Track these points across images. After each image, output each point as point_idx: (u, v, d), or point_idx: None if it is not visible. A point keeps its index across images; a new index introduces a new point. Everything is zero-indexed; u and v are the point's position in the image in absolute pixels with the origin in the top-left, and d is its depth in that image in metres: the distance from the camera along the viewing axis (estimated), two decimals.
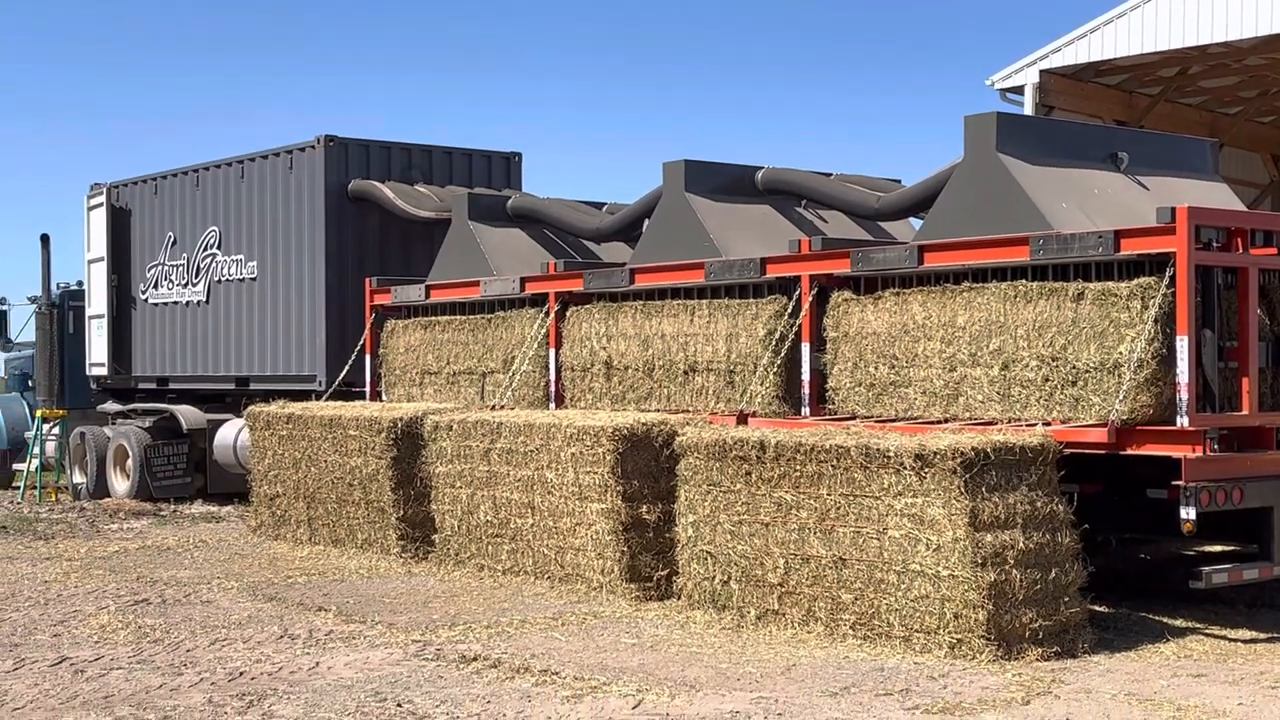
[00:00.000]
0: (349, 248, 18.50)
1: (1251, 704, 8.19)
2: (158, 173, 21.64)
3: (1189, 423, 9.80)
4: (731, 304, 12.95)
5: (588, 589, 12.00)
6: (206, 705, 8.30)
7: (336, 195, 18.60)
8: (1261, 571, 10.50)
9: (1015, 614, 9.35)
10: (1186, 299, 9.78)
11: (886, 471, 9.79)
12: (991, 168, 11.40)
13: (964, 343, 11.05)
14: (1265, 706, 8.15)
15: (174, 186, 21.08)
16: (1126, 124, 23.19)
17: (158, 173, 21.64)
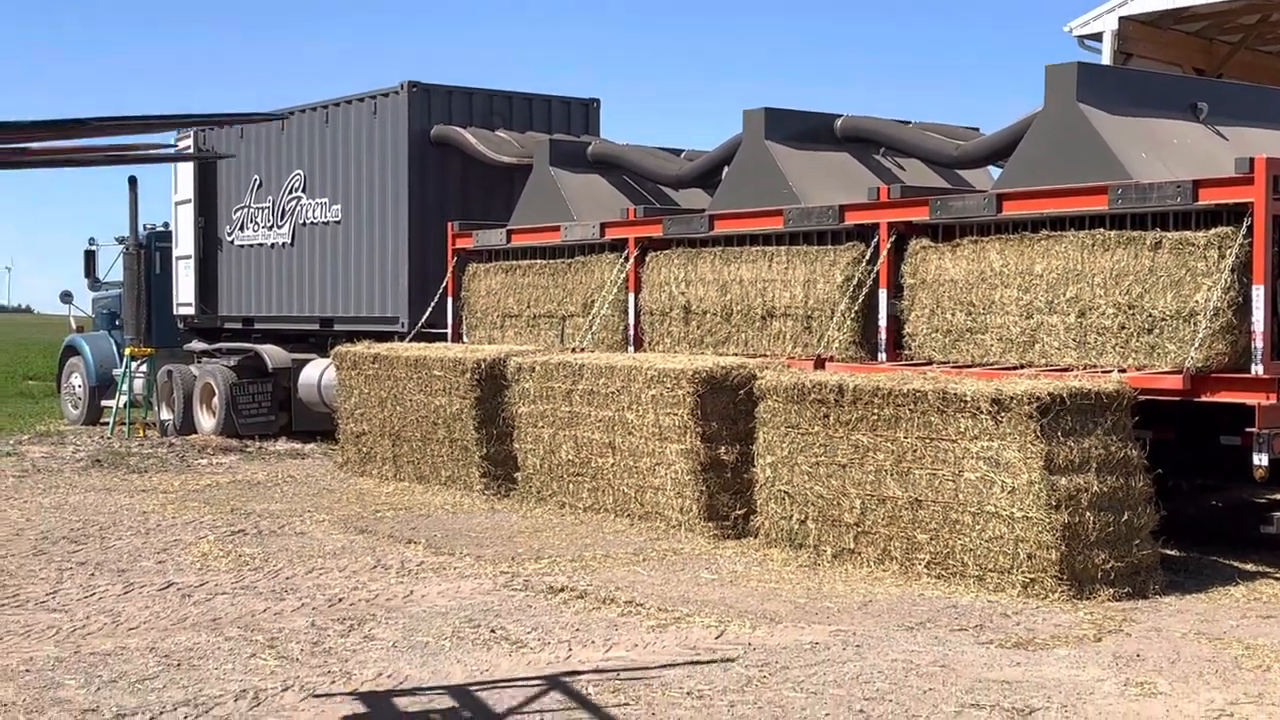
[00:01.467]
0: (431, 192, 18.52)
1: None
2: (246, 111, 21.60)
3: (1263, 371, 9.88)
4: (809, 250, 12.99)
5: (666, 526, 12.14)
6: (310, 628, 8.58)
7: (419, 140, 18.58)
8: None
9: (1088, 555, 9.47)
10: (1263, 249, 9.86)
11: (963, 415, 9.89)
12: (1071, 117, 11.40)
13: (1041, 290, 11.09)
14: None
15: (260, 131, 21.02)
16: (1206, 72, 22.95)
17: (246, 111, 21.60)
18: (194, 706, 6.94)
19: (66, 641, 8.22)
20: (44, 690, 7.20)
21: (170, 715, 6.79)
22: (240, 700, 7.02)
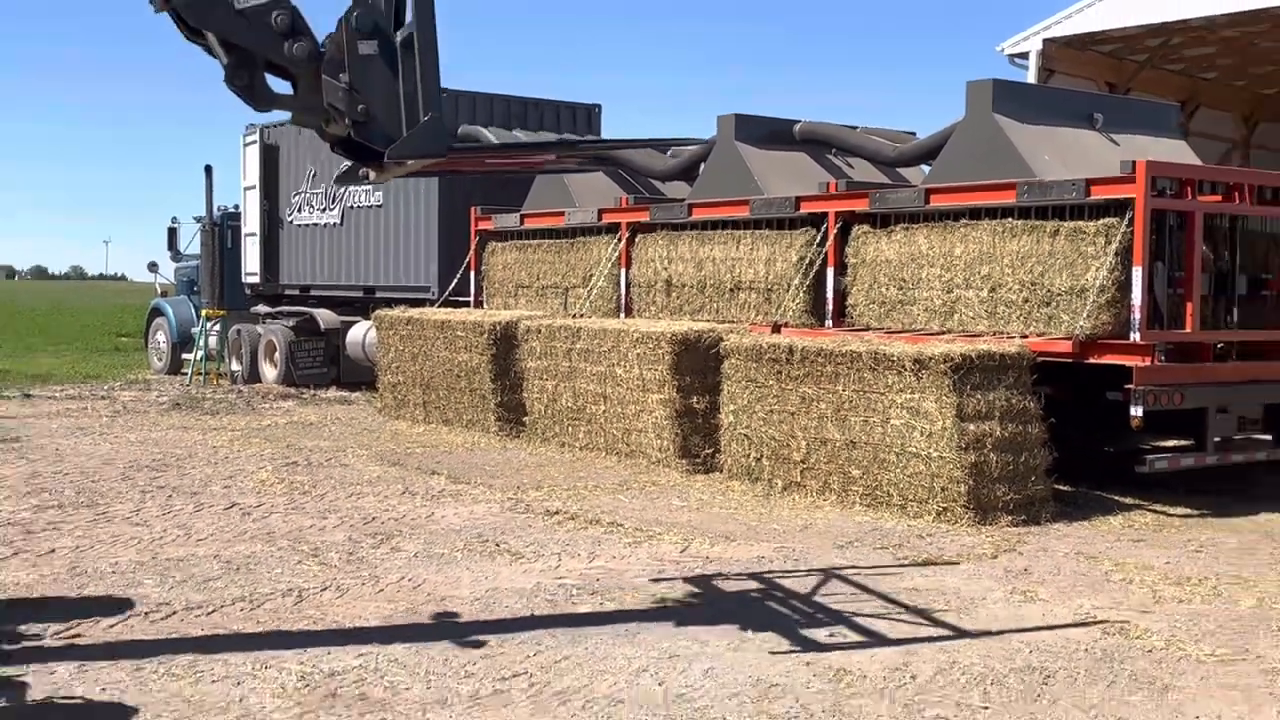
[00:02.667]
0: (457, 182, 18.13)
1: (1176, 562, 8.49)
2: None
3: (1140, 338, 10.00)
4: (770, 234, 13.03)
5: (647, 463, 12.19)
6: (347, 541, 8.74)
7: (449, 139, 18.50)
8: (1196, 460, 10.74)
9: (990, 488, 9.62)
10: (1142, 236, 9.94)
11: (891, 372, 9.99)
12: (987, 125, 11.47)
13: (960, 270, 11.19)
14: (1186, 564, 8.46)
15: None
16: (1116, 87, 22.98)
17: None
18: (249, 602, 7.12)
19: (146, 549, 8.38)
20: (127, 588, 7.37)
21: (229, 608, 6.98)
22: (286, 597, 7.20)
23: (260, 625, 6.72)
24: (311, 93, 5.81)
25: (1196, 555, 8.75)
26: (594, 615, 6.97)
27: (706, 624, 6.81)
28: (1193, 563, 8.52)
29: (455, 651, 6.22)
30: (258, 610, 6.96)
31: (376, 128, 5.79)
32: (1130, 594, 7.61)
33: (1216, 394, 10.71)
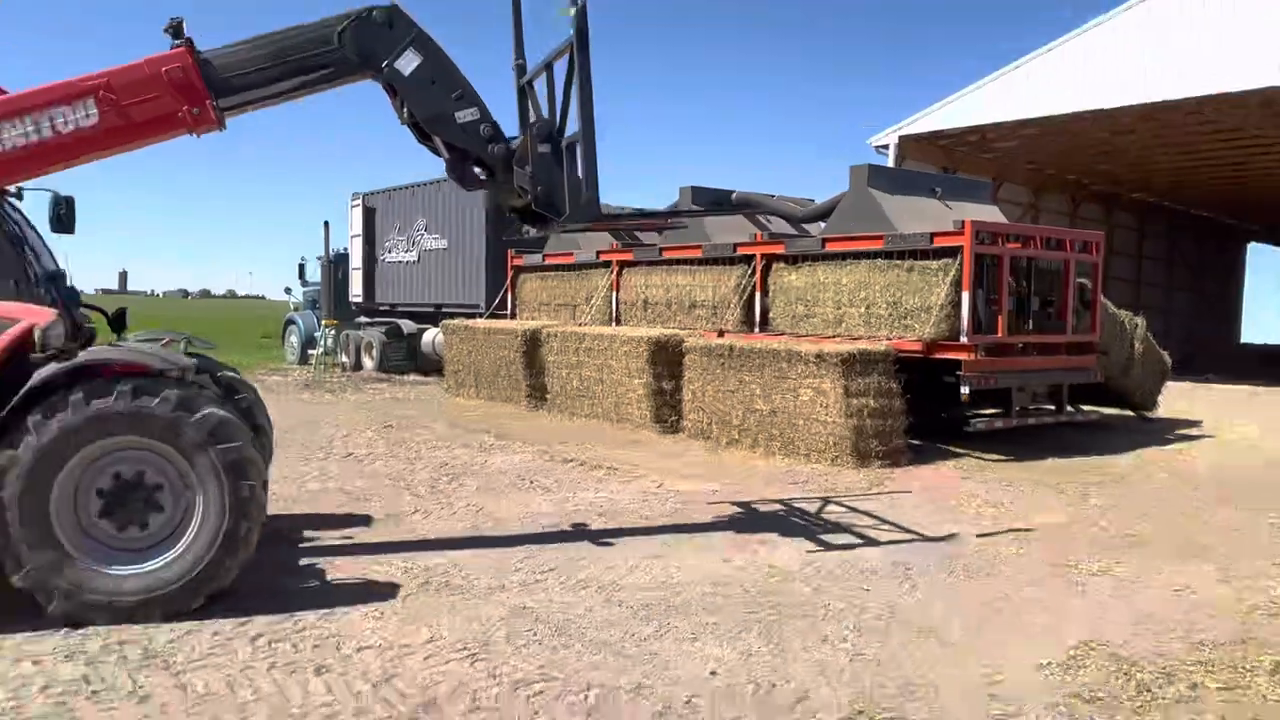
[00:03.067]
0: (500, 231, 17.74)
1: (991, 492, 8.56)
2: (390, 187, 21.51)
3: (967, 340, 10.06)
4: (717, 268, 12.93)
5: (632, 426, 12.14)
6: (429, 479, 8.71)
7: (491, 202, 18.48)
8: (1004, 422, 10.83)
9: (867, 442, 9.66)
10: (968, 271, 9.97)
11: (800, 363, 10.01)
12: (864, 195, 11.46)
13: (845, 293, 11.16)
14: (999, 492, 8.52)
15: (401, 195, 20.93)
16: (949, 168, 23.18)
17: (390, 187, 21.51)
18: (364, 515, 7.18)
19: (293, 485, 8.34)
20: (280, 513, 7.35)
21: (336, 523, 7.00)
22: (389, 519, 7.22)
23: (371, 532, 6.76)
24: (505, 179, 5.98)
25: (1006, 487, 8.85)
26: (601, 530, 7.00)
27: (677, 535, 6.87)
28: (1003, 492, 8.63)
29: (507, 554, 6.27)
30: (374, 526, 7.00)
31: (549, 203, 5.88)
32: (962, 513, 7.72)
33: (1017, 378, 10.85)
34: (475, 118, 5.82)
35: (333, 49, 5.58)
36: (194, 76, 5.35)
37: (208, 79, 5.40)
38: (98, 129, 5.26)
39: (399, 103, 5.85)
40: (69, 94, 5.22)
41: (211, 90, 5.40)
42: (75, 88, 5.23)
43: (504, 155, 5.89)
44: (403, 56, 5.66)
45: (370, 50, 5.64)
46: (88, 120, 5.23)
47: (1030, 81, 20.21)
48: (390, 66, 5.65)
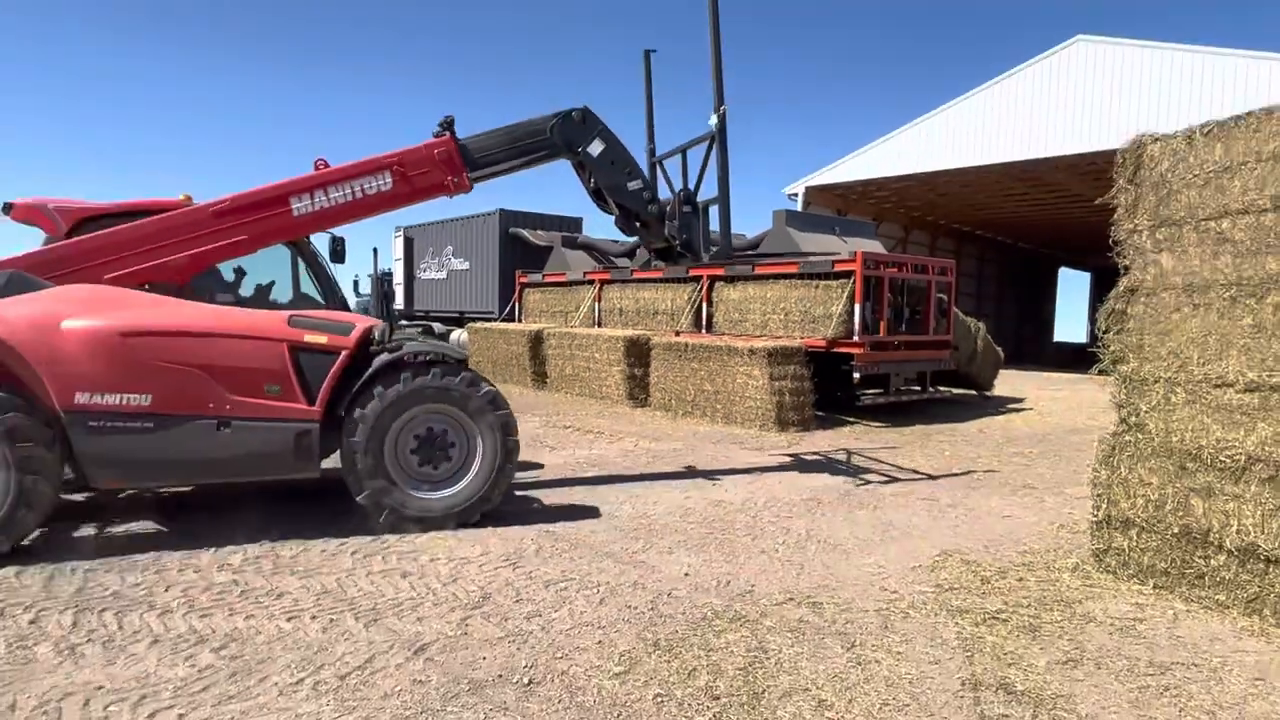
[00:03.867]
0: (507, 257, 18.18)
1: (875, 449, 8.66)
2: (425, 222, 21.30)
3: (858, 339, 10.22)
4: (674, 285, 12.88)
5: (612, 402, 12.13)
6: None
7: (504, 234, 18.28)
8: (885, 399, 11.05)
9: (786, 414, 9.81)
10: (859, 289, 10.17)
11: (737, 356, 10.11)
12: (783, 231, 11.74)
13: (770, 304, 11.23)
14: (881, 451, 8.61)
15: (433, 228, 20.74)
16: (843, 211, 23.55)
17: (425, 222, 21.30)
18: None
19: None
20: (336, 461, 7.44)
21: None
22: None
23: None
24: (657, 230, 6.49)
25: (888, 446, 9.03)
26: (595, 477, 7.06)
27: (652, 479, 6.97)
28: (886, 449, 8.80)
29: (528, 493, 6.34)
30: None
31: (689, 247, 6.46)
32: (854, 463, 7.91)
33: (894, 366, 11.04)
34: (640, 186, 6.35)
35: (546, 138, 6.08)
36: (455, 157, 5.91)
37: (465, 158, 5.94)
38: (390, 192, 5.83)
39: (587, 176, 6.33)
40: (374, 167, 5.80)
41: (467, 165, 5.95)
42: (378, 163, 5.81)
43: (658, 213, 6.40)
44: (592, 143, 6.18)
45: (570, 139, 6.14)
46: (385, 186, 5.82)
47: (902, 148, 20.66)
48: (584, 150, 6.17)
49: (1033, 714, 3.08)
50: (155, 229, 5.51)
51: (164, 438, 4.73)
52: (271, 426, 4.91)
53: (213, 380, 4.81)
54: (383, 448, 5.09)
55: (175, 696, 3.11)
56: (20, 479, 4.45)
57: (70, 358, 4.60)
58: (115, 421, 4.66)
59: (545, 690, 3.20)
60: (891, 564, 4.82)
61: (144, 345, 4.71)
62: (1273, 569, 3.91)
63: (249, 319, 5.06)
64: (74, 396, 4.59)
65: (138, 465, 4.72)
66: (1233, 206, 4.05)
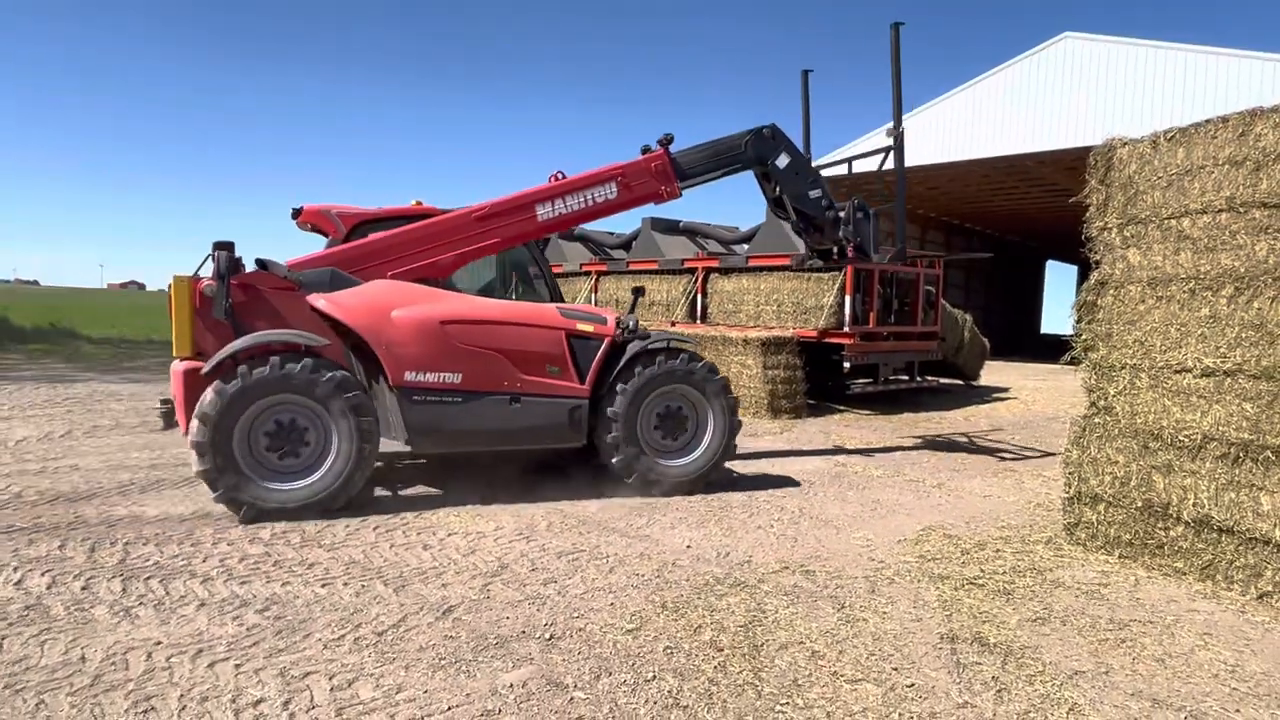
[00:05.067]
0: None
1: (861, 434, 8.99)
2: None
3: (849, 330, 10.48)
4: (669, 277, 13.07)
5: None
6: None
7: None
8: (874, 388, 11.29)
9: (779, 401, 10.10)
10: (850, 282, 10.46)
11: (732, 346, 10.40)
12: (776, 225, 11.70)
13: (764, 296, 11.51)
14: (870, 434, 8.97)
15: None
16: None
17: None
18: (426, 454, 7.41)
19: None
20: None
21: (409, 457, 7.05)
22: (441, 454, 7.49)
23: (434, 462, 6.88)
24: (831, 234, 7.18)
25: (874, 431, 9.35)
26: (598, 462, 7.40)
27: None
28: (872, 434, 9.12)
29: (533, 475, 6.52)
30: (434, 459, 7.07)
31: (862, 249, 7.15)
32: (846, 447, 8.24)
33: (883, 356, 11.28)
34: (819, 194, 7.01)
35: (741, 152, 6.76)
36: (669, 169, 6.60)
37: (677, 170, 6.61)
38: (616, 200, 6.52)
39: (771, 185, 6.98)
40: (602, 178, 6.49)
41: (678, 176, 6.62)
42: (606, 175, 6.50)
43: (834, 219, 7.04)
44: (780, 157, 6.85)
45: (761, 153, 6.79)
46: (611, 195, 6.52)
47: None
48: (772, 163, 6.82)
49: (1003, 662, 3.45)
50: (428, 231, 6.16)
51: (470, 410, 5.54)
52: (552, 402, 5.75)
53: (508, 362, 5.62)
54: (636, 420, 5.88)
55: (229, 650, 3.44)
56: (360, 447, 5.20)
57: (400, 341, 5.36)
58: (434, 396, 5.46)
59: (566, 644, 3.54)
60: (879, 538, 5.17)
61: (457, 332, 5.50)
62: (1224, 538, 4.29)
63: (534, 310, 5.86)
64: (404, 374, 5.38)
65: (450, 434, 5.53)
66: (1192, 207, 4.41)
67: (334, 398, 5.14)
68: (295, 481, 5.16)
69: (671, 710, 3.01)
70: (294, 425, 5.14)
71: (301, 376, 5.07)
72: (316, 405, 5.14)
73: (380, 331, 5.35)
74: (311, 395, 5.11)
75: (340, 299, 5.45)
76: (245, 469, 5.03)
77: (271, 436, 5.10)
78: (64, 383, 11.70)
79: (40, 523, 5.04)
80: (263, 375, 5.00)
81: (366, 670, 3.28)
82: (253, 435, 5.06)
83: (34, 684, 3.12)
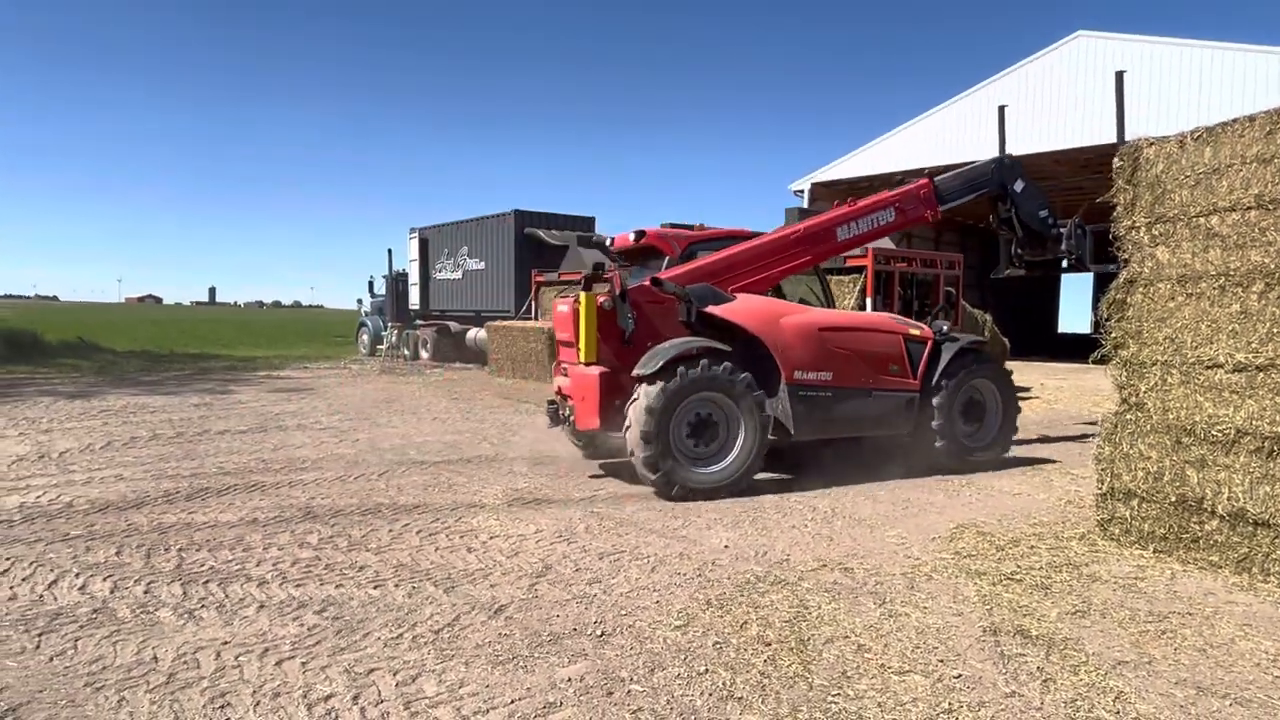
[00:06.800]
0: (523, 256, 18.25)
1: None
2: (440, 223, 21.35)
3: None
4: None
5: None
6: (497, 432, 9.08)
7: (519, 234, 18.32)
8: None
9: None
10: (870, 283, 10.64)
11: None
12: None
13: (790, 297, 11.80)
14: None
15: (449, 229, 20.88)
16: None
17: (440, 223, 21.35)
18: (462, 459, 7.53)
19: (403, 438, 8.63)
20: (383, 453, 7.71)
21: (453, 462, 7.34)
22: (474, 458, 7.61)
23: (469, 467, 7.15)
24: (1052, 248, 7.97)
25: None
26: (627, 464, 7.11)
27: None
28: None
29: (566, 477, 6.74)
30: (468, 464, 7.37)
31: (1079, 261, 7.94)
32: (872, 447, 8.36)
33: None
34: (1047, 214, 7.83)
35: (989, 178, 7.82)
36: (933, 195, 7.56)
37: (938, 195, 7.58)
38: (892, 223, 7.44)
39: (1007, 206, 7.90)
40: (884, 204, 7.43)
41: (939, 201, 7.58)
42: (887, 201, 7.44)
43: (1056, 235, 7.86)
44: (1018, 181, 7.87)
45: (1004, 179, 7.82)
46: (890, 219, 7.44)
47: (906, 143, 21.09)
48: (1011, 187, 7.83)
49: (1046, 653, 3.52)
50: (759, 251, 6.97)
51: (838, 403, 6.60)
52: (895, 396, 6.85)
53: (863, 362, 6.70)
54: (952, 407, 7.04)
55: (294, 649, 3.56)
56: (760, 437, 6.15)
57: (790, 344, 6.46)
58: (814, 392, 6.53)
59: (617, 640, 3.64)
60: (913, 535, 5.26)
61: (829, 337, 6.60)
62: (1260, 531, 4.35)
63: (879, 318, 7.14)
64: (793, 373, 6.46)
65: (824, 423, 6.58)
66: (1220, 204, 4.48)
67: (745, 395, 6.09)
68: (709, 466, 6.08)
69: (727, 701, 3.11)
70: (709, 419, 6.10)
71: (724, 377, 6.03)
72: (730, 401, 6.08)
73: (776, 336, 6.42)
74: (730, 393, 6.06)
75: (736, 309, 6.45)
76: (676, 455, 5.97)
77: (691, 427, 6.05)
78: (97, 396, 11.94)
79: (94, 530, 5.20)
80: (695, 375, 5.96)
81: (428, 667, 3.40)
82: (678, 427, 6.00)
83: (112, 682, 3.26)
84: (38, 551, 4.77)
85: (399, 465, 7.28)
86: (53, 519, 5.43)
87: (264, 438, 8.58)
